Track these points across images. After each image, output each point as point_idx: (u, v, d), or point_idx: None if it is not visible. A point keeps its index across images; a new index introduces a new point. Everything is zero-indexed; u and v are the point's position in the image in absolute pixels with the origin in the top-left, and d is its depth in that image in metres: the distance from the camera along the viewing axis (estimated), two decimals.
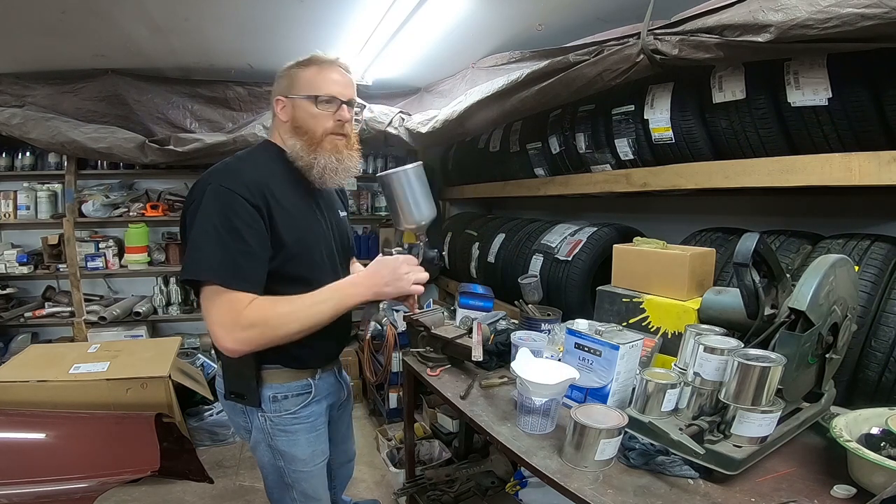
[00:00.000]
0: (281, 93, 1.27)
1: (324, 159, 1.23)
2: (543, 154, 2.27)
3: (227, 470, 2.62)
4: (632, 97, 1.71)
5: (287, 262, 1.19)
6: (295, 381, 1.31)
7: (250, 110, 3.10)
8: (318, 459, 1.38)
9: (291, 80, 1.26)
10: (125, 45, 2.47)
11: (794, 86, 1.25)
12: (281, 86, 1.28)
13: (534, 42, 2.11)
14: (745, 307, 1.13)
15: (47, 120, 2.76)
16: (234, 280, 1.08)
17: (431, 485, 2.05)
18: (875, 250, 1.24)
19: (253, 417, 1.31)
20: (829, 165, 1.20)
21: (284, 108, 1.26)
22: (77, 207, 3.16)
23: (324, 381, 1.38)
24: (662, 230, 1.85)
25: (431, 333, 1.68)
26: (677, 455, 1.00)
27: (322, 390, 1.37)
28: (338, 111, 1.24)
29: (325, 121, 1.23)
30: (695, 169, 1.56)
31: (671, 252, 1.44)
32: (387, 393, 3.00)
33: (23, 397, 2.14)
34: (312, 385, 1.33)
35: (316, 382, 1.34)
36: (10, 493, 1.44)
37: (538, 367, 1.25)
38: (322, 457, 1.39)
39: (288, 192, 1.22)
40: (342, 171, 1.27)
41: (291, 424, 1.31)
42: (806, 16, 1.04)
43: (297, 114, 1.24)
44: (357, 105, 1.30)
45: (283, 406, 1.29)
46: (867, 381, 1.17)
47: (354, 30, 2.28)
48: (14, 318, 3.11)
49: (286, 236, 1.17)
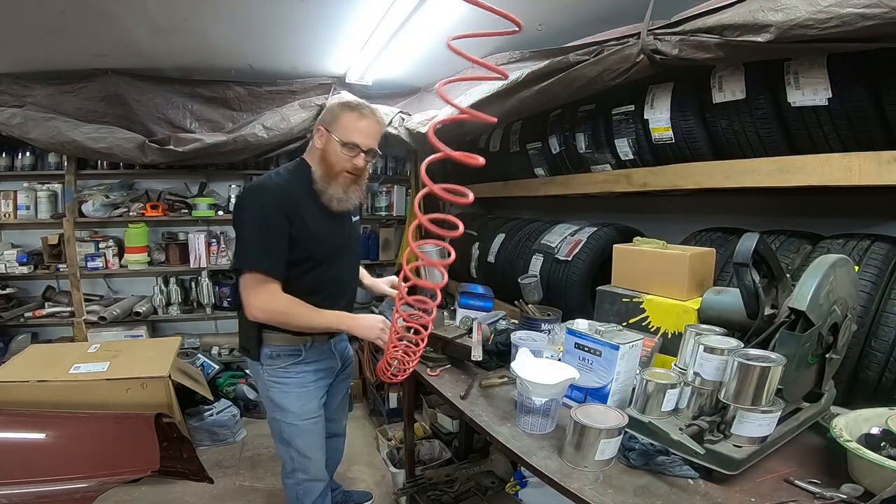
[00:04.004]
0: (323, 124, 1.52)
1: (334, 190, 1.52)
2: (543, 154, 2.27)
3: (227, 470, 2.62)
4: (632, 97, 1.71)
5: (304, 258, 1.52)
6: (288, 345, 1.60)
7: (250, 110, 3.10)
8: (309, 416, 1.64)
9: (334, 116, 1.51)
10: (125, 45, 2.47)
11: (794, 86, 1.25)
12: (325, 118, 1.54)
13: (534, 42, 2.11)
14: (745, 307, 1.13)
15: (47, 120, 2.75)
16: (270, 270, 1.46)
17: (431, 485, 2.05)
18: (875, 250, 1.24)
19: (257, 370, 1.65)
20: (829, 165, 1.20)
21: (321, 137, 1.52)
22: (77, 207, 3.15)
23: (315, 349, 1.64)
24: (662, 230, 1.85)
25: (432, 333, 1.68)
26: (677, 455, 1.00)
27: (311, 355, 1.63)
28: (356, 157, 1.49)
29: (344, 162, 1.50)
30: (695, 169, 1.55)
31: (671, 252, 1.44)
32: (387, 393, 3.00)
33: (23, 397, 2.14)
34: (303, 350, 1.61)
35: (306, 348, 1.62)
36: (9, 493, 1.44)
37: (538, 367, 1.25)
38: (312, 415, 1.65)
39: (308, 203, 1.52)
40: (346, 202, 1.56)
41: (284, 378, 1.61)
42: (806, 16, 1.04)
43: (328, 147, 1.50)
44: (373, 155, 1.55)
45: (277, 363, 1.60)
46: (867, 381, 1.17)
47: (354, 30, 2.28)
48: (14, 318, 3.10)
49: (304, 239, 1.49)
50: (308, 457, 1.68)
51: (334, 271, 1.62)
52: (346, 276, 1.72)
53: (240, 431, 2.95)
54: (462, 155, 0.79)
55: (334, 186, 1.52)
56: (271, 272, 1.46)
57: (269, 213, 1.45)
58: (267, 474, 2.58)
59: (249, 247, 1.46)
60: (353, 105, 1.52)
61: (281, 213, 1.45)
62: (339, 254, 1.63)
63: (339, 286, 1.67)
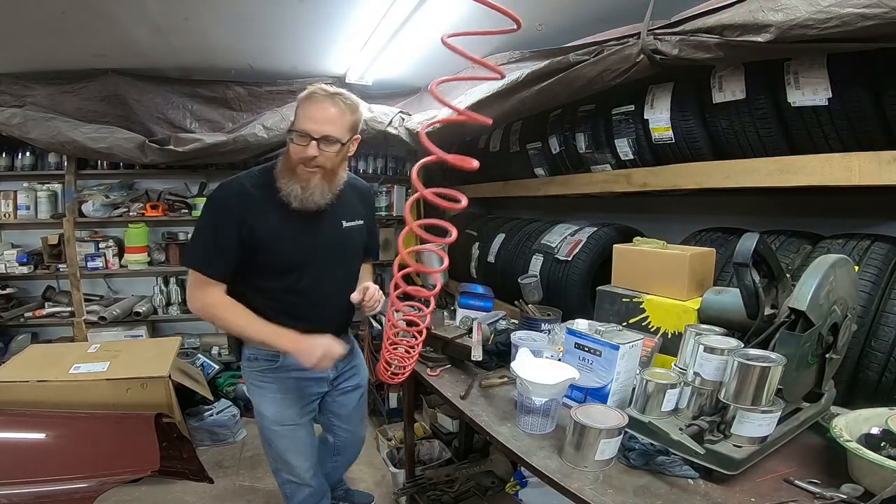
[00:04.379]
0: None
1: (291, 187, 1.39)
2: (543, 154, 2.27)
3: (227, 470, 2.62)
4: (632, 97, 1.71)
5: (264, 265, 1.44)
6: (265, 350, 1.53)
7: (250, 110, 3.10)
8: (286, 423, 1.58)
9: (294, 111, 1.39)
10: (125, 45, 2.47)
11: (794, 86, 1.25)
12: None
13: (534, 42, 2.11)
14: (745, 307, 1.13)
15: (47, 120, 2.75)
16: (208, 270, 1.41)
17: (431, 485, 2.05)
18: (875, 250, 1.24)
19: (243, 368, 1.62)
20: (829, 165, 1.20)
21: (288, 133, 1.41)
22: (77, 207, 3.15)
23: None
24: (662, 230, 1.85)
25: (431, 333, 1.68)
26: (677, 455, 1.00)
27: (292, 363, 1.49)
28: (307, 146, 1.34)
29: (298, 153, 1.36)
30: (695, 169, 1.55)
31: (671, 252, 1.44)
32: (387, 393, 3.00)
33: (23, 397, 2.14)
34: (280, 356, 1.53)
35: (285, 355, 1.51)
36: (10, 493, 1.44)
37: (538, 367, 1.25)
38: (289, 422, 1.59)
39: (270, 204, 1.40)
40: (307, 200, 1.40)
41: (261, 382, 1.57)
42: (806, 16, 1.04)
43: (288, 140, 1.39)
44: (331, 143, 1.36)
45: (255, 365, 1.56)
46: (867, 381, 1.17)
47: (354, 30, 2.28)
48: (14, 318, 3.10)
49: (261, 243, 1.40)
50: (287, 461, 1.63)
51: (307, 281, 1.48)
52: (328, 289, 1.52)
53: (240, 431, 2.95)
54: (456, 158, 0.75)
55: (292, 182, 1.39)
56: (208, 272, 1.39)
57: (217, 213, 1.40)
58: (267, 474, 2.57)
59: (192, 246, 1.48)
60: (311, 91, 1.38)
61: (229, 214, 1.37)
62: (313, 262, 1.48)
63: (314, 299, 1.50)
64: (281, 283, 1.46)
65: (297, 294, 1.48)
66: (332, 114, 1.35)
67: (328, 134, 1.35)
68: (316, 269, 1.49)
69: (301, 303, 1.49)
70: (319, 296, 1.52)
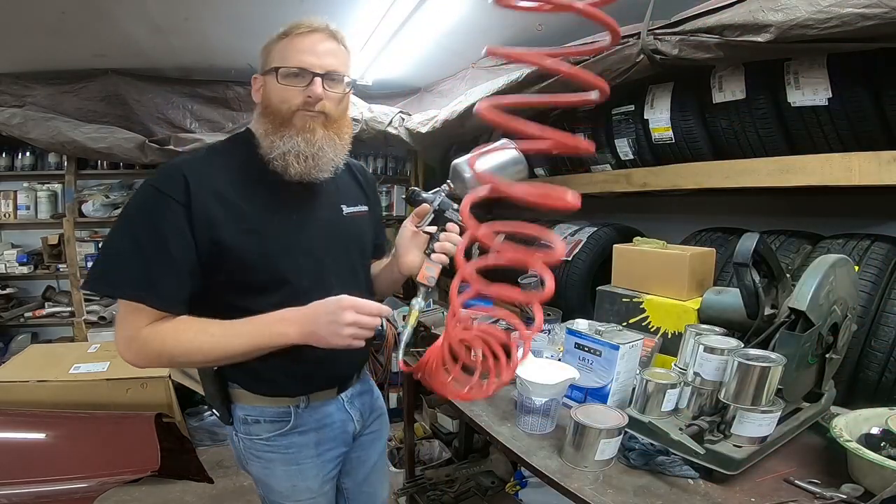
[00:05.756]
0: (257, 72, 1.05)
1: (289, 141, 0.97)
2: (543, 154, 2.27)
3: (227, 470, 2.61)
4: (632, 97, 1.71)
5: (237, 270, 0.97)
6: (270, 407, 1.07)
7: (250, 110, 3.10)
8: (302, 496, 1.13)
9: (266, 54, 1.03)
10: (125, 45, 2.47)
11: (794, 86, 1.25)
12: (258, 63, 1.05)
13: (534, 42, 2.12)
14: (745, 307, 1.13)
15: (47, 120, 2.75)
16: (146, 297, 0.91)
17: (431, 485, 2.05)
18: (875, 250, 1.24)
19: (231, 434, 1.13)
20: (829, 165, 1.20)
21: (258, 87, 1.04)
22: (77, 207, 3.15)
23: (315, 411, 1.10)
24: (662, 230, 1.85)
25: (432, 333, 1.68)
26: (677, 455, 1.00)
27: (308, 422, 1.10)
28: (310, 83, 0.97)
29: (292, 97, 0.97)
30: (695, 169, 1.56)
31: (671, 252, 1.44)
32: (387, 393, 3.00)
33: (23, 397, 2.14)
34: (293, 414, 1.08)
35: (300, 412, 1.08)
36: (10, 493, 1.44)
37: (538, 367, 1.25)
38: (307, 494, 1.13)
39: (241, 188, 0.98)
40: (315, 158, 0.98)
41: (265, 452, 1.10)
42: (806, 16, 1.04)
43: (267, 90, 1.01)
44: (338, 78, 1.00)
45: (255, 430, 1.08)
46: (867, 381, 1.17)
47: (354, 30, 2.28)
48: (14, 318, 3.11)
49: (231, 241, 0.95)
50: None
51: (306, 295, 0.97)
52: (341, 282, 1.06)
53: None
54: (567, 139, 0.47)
55: (289, 136, 0.97)
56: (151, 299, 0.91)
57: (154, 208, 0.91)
58: None
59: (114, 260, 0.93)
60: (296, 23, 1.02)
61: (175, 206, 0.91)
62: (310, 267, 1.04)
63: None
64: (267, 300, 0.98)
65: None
66: (331, 47, 1.01)
67: (334, 69, 0.99)
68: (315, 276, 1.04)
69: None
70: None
